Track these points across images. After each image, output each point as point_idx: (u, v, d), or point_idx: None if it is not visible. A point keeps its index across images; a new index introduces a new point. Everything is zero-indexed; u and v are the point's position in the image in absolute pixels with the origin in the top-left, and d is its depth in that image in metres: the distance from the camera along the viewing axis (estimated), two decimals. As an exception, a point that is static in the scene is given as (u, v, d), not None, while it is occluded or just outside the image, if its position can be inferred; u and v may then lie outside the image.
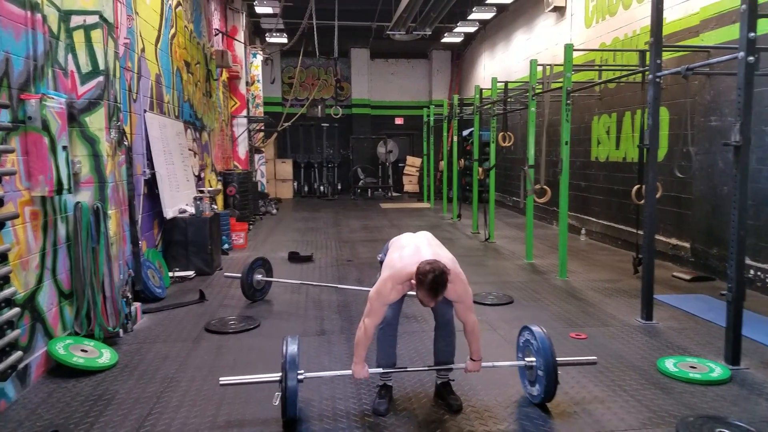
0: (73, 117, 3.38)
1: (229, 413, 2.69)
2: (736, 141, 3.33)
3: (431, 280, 2.37)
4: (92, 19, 3.43)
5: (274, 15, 10.71)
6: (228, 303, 4.62)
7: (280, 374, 2.51)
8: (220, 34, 9.17)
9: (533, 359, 2.75)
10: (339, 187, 15.31)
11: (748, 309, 4.21)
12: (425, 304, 2.52)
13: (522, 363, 2.83)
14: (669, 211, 6.08)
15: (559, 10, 8.88)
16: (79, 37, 3.41)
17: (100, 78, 3.47)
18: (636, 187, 5.35)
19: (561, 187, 5.48)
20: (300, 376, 2.51)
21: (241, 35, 10.37)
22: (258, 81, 12.49)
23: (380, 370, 2.71)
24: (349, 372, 2.67)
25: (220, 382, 2.59)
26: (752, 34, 3.17)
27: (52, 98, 3.09)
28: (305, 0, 9.20)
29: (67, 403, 2.77)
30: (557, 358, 2.67)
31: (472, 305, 2.68)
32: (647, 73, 4.28)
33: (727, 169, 5.09)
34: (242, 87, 10.58)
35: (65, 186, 3.16)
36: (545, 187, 5.99)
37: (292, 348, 2.52)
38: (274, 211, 11.13)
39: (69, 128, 3.30)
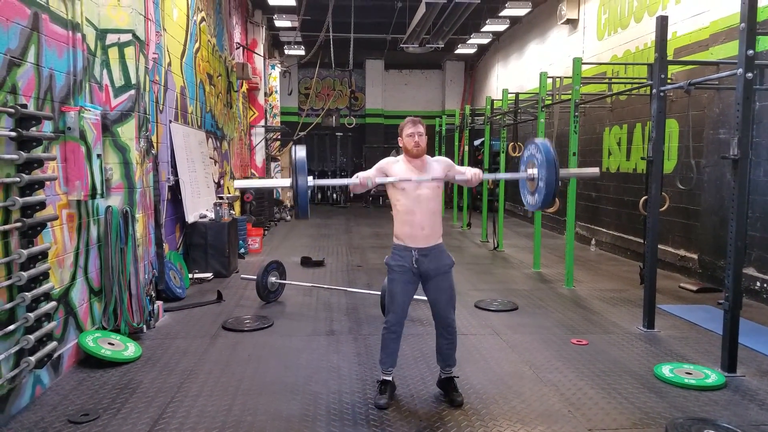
0: (107, 127, 3.67)
1: (244, 402, 2.89)
2: (735, 154, 3.43)
3: (408, 118, 2.90)
4: (126, 37, 3.72)
5: (292, 28, 11.06)
6: (244, 303, 4.85)
7: (290, 180, 2.74)
8: (241, 48, 9.51)
9: (535, 171, 2.89)
10: (351, 195, 15.55)
11: (752, 320, 4.31)
12: (416, 153, 2.83)
13: (524, 175, 2.98)
14: (677, 222, 6.15)
15: (572, 23, 9.04)
16: (113, 53, 3.70)
17: (132, 91, 3.75)
18: (643, 198, 5.45)
19: (569, 198, 5.60)
20: (309, 183, 2.74)
21: (260, 48, 10.72)
22: (276, 92, 12.85)
23: (380, 180, 2.87)
24: (349, 181, 2.89)
25: (236, 186, 2.91)
26: (751, 51, 3.28)
27: (89, 110, 3.37)
28: (323, 14, 9.51)
29: (95, 391, 3.00)
30: (561, 170, 2.82)
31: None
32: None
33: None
34: (261, 98, 10.93)
35: (98, 191, 3.43)
36: (553, 197, 6.11)
37: (301, 153, 2.74)
38: (289, 217, 11.40)
39: (103, 138, 3.58)
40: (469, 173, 2.92)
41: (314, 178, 2.82)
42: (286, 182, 2.78)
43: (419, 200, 2.83)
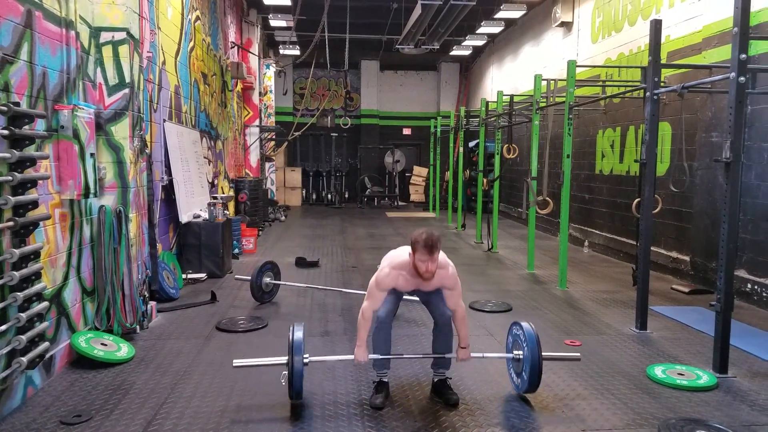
0: (100, 126, 3.64)
1: (238, 403, 2.88)
2: (727, 158, 3.45)
3: (426, 237, 2.70)
4: (120, 35, 3.70)
5: (287, 28, 11.04)
6: (238, 304, 4.83)
7: (287, 357, 2.72)
8: (236, 47, 9.49)
9: (521, 352, 2.94)
10: (346, 196, 15.55)
11: (743, 321, 4.35)
12: (425, 278, 2.74)
13: (510, 355, 3.03)
14: (670, 224, 6.20)
15: (567, 26, 9.09)
16: (107, 52, 3.67)
17: (126, 90, 3.73)
18: (637, 200, 5.49)
19: (562, 199, 5.63)
20: (305, 360, 2.74)
21: (255, 48, 10.70)
22: (270, 91, 12.82)
23: (378, 356, 2.90)
24: (350, 357, 2.89)
25: (234, 364, 2.83)
26: (743, 55, 3.31)
27: (83, 109, 3.34)
28: (318, 14, 9.50)
29: (88, 392, 2.98)
30: (543, 353, 2.86)
31: (461, 294, 2.95)
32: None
33: (725, 184, 5.22)
34: (255, 97, 10.89)
35: (92, 190, 3.40)
36: (547, 198, 6.15)
37: (298, 334, 2.76)
38: (283, 218, 11.37)
39: (96, 136, 3.55)
40: (459, 353, 2.93)
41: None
42: (282, 360, 2.77)
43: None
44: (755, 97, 4.93)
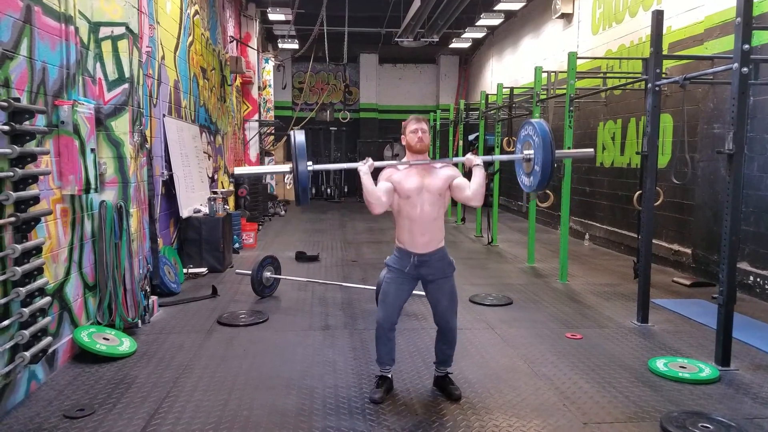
0: (100, 121, 3.63)
1: (240, 397, 2.89)
2: (729, 149, 3.44)
3: (412, 116, 2.90)
4: (119, 30, 3.67)
5: (286, 22, 10.98)
6: (239, 298, 4.84)
7: (290, 165, 2.71)
8: (235, 41, 9.44)
9: (531, 151, 2.88)
10: (345, 190, 15.54)
11: (745, 314, 4.36)
12: (418, 147, 2.80)
13: (520, 156, 2.97)
14: (671, 217, 6.19)
15: (567, 17, 9.04)
16: (106, 46, 3.65)
17: (126, 85, 3.71)
18: (638, 192, 5.48)
19: (563, 192, 5.62)
20: (309, 168, 2.71)
21: (254, 42, 10.64)
22: (270, 86, 12.77)
23: (377, 162, 2.84)
24: (353, 165, 2.84)
25: (235, 172, 2.92)
26: (746, 46, 3.28)
27: (83, 104, 3.33)
28: (317, 7, 9.45)
29: (91, 386, 2.99)
30: (556, 151, 2.79)
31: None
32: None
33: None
34: (254, 92, 10.85)
35: (92, 185, 3.39)
36: (548, 191, 6.14)
37: (300, 138, 2.71)
38: (283, 212, 11.37)
39: (96, 132, 3.54)
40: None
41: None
42: (286, 168, 2.77)
43: (421, 207, 2.79)
44: (758, 88, 4.91)
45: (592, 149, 3.27)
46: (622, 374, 3.25)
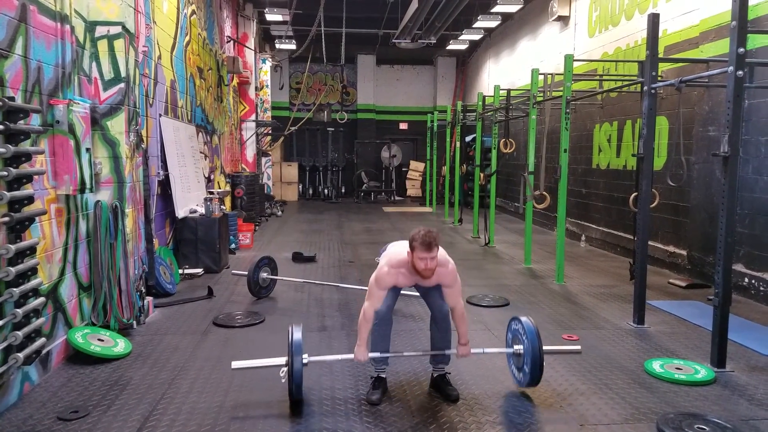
0: (96, 121, 3.61)
1: (236, 399, 2.87)
2: (725, 152, 3.45)
3: (423, 234, 2.69)
4: (115, 30, 3.66)
5: (284, 22, 10.97)
6: (235, 299, 4.82)
7: (286, 358, 2.70)
8: (232, 41, 9.42)
9: (521, 347, 2.94)
10: (343, 191, 15.52)
11: (740, 316, 4.37)
12: (424, 276, 2.74)
13: (510, 350, 3.03)
14: (667, 219, 6.22)
15: (563, 20, 9.07)
16: (102, 46, 3.63)
17: (122, 85, 3.69)
18: (634, 194, 5.50)
19: (559, 194, 5.64)
20: (305, 360, 2.71)
21: (251, 42, 10.63)
22: (267, 86, 12.75)
23: (378, 354, 2.90)
24: (350, 356, 2.87)
25: (233, 367, 2.80)
26: (741, 50, 3.30)
27: (78, 103, 3.31)
28: (314, 8, 9.45)
29: (85, 387, 2.96)
30: (543, 347, 2.86)
31: (461, 291, 2.93)
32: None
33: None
34: (251, 92, 10.84)
35: (87, 185, 3.37)
36: (545, 193, 6.15)
37: (297, 335, 2.73)
38: (280, 212, 11.35)
39: (92, 131, 3.52)
40: (459, 350, 2.91)
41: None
42: (281, 361, 2.74)
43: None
44: (753, 91, 4.93)
45: (579, 347, 3.20)
46: (619, 376, 3.25)
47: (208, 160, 7.54)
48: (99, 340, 3.39)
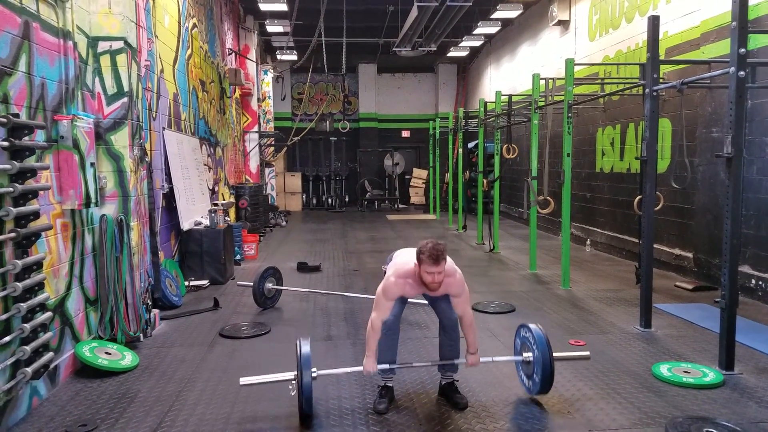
0: (100, 135, 3.64)
1: (243, 411, 2.87)
2: (728, 153, 3.44)
3: (431, 247, 2.66)
4: (117, 45, 3.70)
5: (284, 33, 11.06)
6: (240, 310, 4.82)
7: (295, 373, 2.69)
8: (233, 54, 9.51)
9: (530, 354, 2.91)
10: (346, 200, 15.54)
11: (747, 317, 4.33)
12: (431, 288, 2.73)
13: (519, 358, 3.00)
14: (672, 221, 6.19)
15: (563, 24, 9.10)
16: (105, 61, 3.68)
17: (125, 99, 3.73)
18: (638, 197, 5.47)
19: (563, 198, 5.62)
20: (313, 374, 2.70)
21: (253, 54, 10.72)
22: (269, 97, 12.84)
23: (387, 366, 2.88)
24: (358, 368, 2.85)
25: (241, 383, 2.78)
26: (743, 50, 3.29)
27: (82, 119, 3.34)
28: (315, 18, 9.53)
29: (93, 401, 2.97)
30: (553, 353, 2.84)
31: (469, 299, 2.91)
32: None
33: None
34: (254, 103, 10.92)
35: (92, 200, 3.40)
36: (548, 198, 6.14)
37: (305, 348, 2.72)
38: (284, 223, 11.37)
39: (96, 146, 3.56)
40: (469, 359, 2.90)
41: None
42: (290, 375, 2.73)
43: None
44: (755, 91, 4.93)
45: (588, 352, 3.18)
46: (626, 380, 3.23)
47: (212, 172, 7.59)
48: (106, 353, 3.40)
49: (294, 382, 2.69)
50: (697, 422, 2.67)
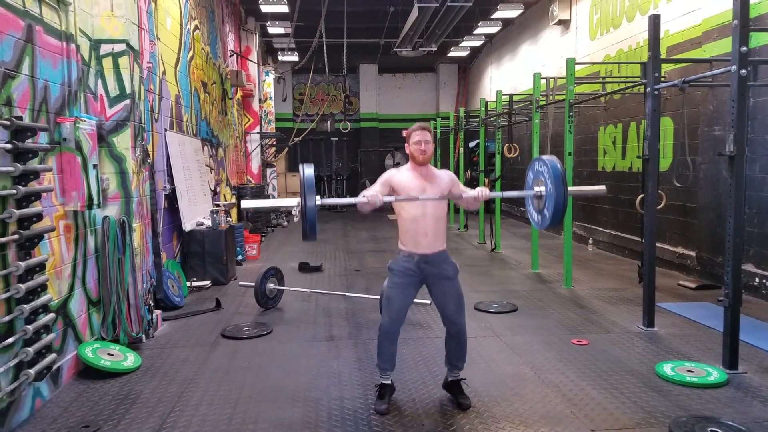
0: (102, 137, 3.65)
1: (245, 412, 2.87)
2: (731, 151, 3.43)
3: (417, 124, 2.90)
4: (120, 47, 3.71)
5: (285, 35, 11.08)
6: (242, 310, 4.83)
7: (298, 200, 2.69)
8: (235, 55, 9.52)
9: (542, 188, 2.78)
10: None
11: (751, 316, 4.32)
12: (421, 159, 2.82)
13: (531, 192, 2.86)
14: (675, 220, 6.17)
15: (564, 23, 9.09)
16: (107, 63, 3.69)
17: (127, 101, 3.74)
18: (640, 196, 5.46)
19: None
20: (317, 202, 2.67)
21: (254, 55, 10.73)
22: (270, 98, 12.86)
23: (393, 198, 2.80)
24: (359, 200, 2.76)
25: (243, 206, 2.89)
26: (744, 48, 3.29)
27: (84, 121, 3.36)
28: (316, 20, 9.54)
29: (96, 402, 2.98)
30: (568, 188, 2.71)
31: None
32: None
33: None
34: (255, 104, 10.93)
35: (95, 201, 3.41)
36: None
37: (309, 172, 2.68)
38: (285, 223, 11.38)
39: (99, 148, 3.57)
40: (475, 191, 2.84)
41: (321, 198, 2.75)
42: (293, 201, 2.74)
43: (424, 208, 2.83)
44: (757, 90, 4.91)
45: (604, 186, 3.15)
46: (630, 380, 3.22)
47: (214, 172, 7.60)
48: (109, 354, 3.41)
49: (297, 208, 2.68)
50: (701, 422, 2.66)
